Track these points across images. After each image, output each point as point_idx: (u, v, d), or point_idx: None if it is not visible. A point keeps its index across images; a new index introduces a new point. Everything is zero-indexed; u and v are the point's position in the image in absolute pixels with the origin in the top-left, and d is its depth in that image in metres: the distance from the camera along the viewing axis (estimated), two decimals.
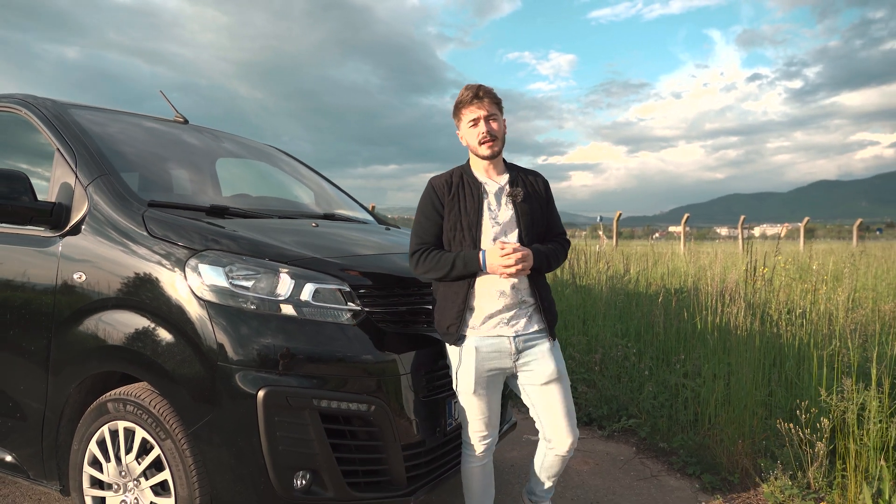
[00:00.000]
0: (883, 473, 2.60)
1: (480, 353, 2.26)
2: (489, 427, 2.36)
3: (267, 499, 2.02)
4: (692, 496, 3.08)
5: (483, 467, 2.41)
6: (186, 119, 3.52)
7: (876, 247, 14.67)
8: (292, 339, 2.08)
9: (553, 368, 2.30)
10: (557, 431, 2.33)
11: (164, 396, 2.11)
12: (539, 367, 2.30)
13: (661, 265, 7.97)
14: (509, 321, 2.27)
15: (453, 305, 2.27)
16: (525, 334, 2.29)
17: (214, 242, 2.20)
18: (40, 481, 2.48)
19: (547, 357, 2.30)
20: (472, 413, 2.33)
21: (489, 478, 2.46)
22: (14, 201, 2.35)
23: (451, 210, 2.31)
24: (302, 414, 2.02)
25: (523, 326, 2.29)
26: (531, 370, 2.30)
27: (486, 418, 2.34)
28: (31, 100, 2.79)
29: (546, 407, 2.33)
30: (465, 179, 2.35)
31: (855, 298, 5.17)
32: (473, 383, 2.28)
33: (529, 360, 2.30)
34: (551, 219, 2.44)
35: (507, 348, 2.27)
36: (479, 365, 2.27)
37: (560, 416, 2.32)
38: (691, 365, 4.08)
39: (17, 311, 2.44)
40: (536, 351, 2.30)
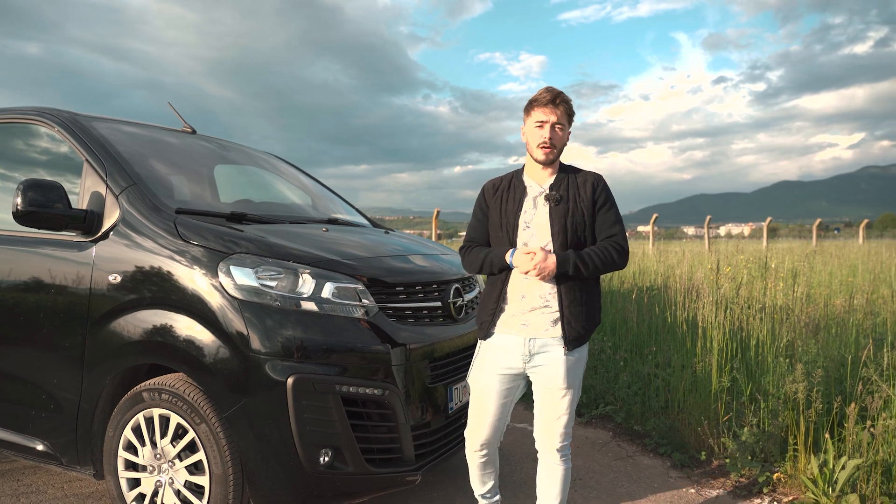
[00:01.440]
0: (828, 446, 2.97)
1: (495, 350, 2.32)
2: (489, 430, 2.36)
3: (295, 473, 2.28)
4: (664, 473, 3.42)
5: (483, 462, 2.44)
6: (194, 129, 3.73)
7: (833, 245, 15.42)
8: (315, 332, 2.35)
9: (560, 379, 2.26)
10: (546, 438, 2.36)
11: (199, 385, 2.35)
12: (547, 374, 2.28)
13: (632, 264, 8.37)
14: (528, 323, 2.27)
15: (489, 303, 2.34)
16: (541, 338, 2.27)
17: (243, 246, 2.44)
18: (74, 467, 2.69)
19: (557, 366, 2.26)
20: (476, 409, 2.38)
21: (490, 467, 2.47)
22: (49, 209, 2.55)
23: (494, 212, 2.36)
24: (326, 398, 2.29)
25: (541, 331, 2.27)
26: (538, 374, 2.30)
27: (487, 420, 2.35)
28: (56, 112, 2.99)
29: (541, 411, 2.35)
30: (513, 182, 2.37)
31: (810, 294, 5.60)
32: (479, 379, 2.35)
33: (539, 365, 2.28)
34: (600, 223, 2.32)
35: (519, 349, 2.28)
36: (492, 361, 2.32)
37: (550, 422, 2.33)
38: (662, 356, 4.44)
39: (52, 310, 2.64)
40: (548, 357, 2.27)
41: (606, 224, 2.32)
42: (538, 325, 2.27)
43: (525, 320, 2.28)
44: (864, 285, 6.13)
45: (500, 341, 2.32)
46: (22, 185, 2.52)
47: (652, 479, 3.33)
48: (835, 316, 4.70)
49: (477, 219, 2.44)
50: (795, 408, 3.26)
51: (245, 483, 2.32)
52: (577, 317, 2.25)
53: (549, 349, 2.27)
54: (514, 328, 2.29)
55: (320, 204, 3.87)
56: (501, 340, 2.31)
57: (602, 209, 2.32)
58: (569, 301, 2.25)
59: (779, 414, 3.39)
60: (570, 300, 2.25)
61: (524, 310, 2.28)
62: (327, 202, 3.95)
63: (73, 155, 2.88)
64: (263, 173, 3.88)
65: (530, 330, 2.27)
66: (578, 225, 2.27)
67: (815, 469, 2.95)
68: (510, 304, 2.31)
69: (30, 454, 2.79)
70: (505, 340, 2.31)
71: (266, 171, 3.91)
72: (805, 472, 3.01)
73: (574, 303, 2.25)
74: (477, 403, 2.37)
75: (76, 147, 2.82)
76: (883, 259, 8.37)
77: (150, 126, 3.47)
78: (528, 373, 2.32)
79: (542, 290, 2.26)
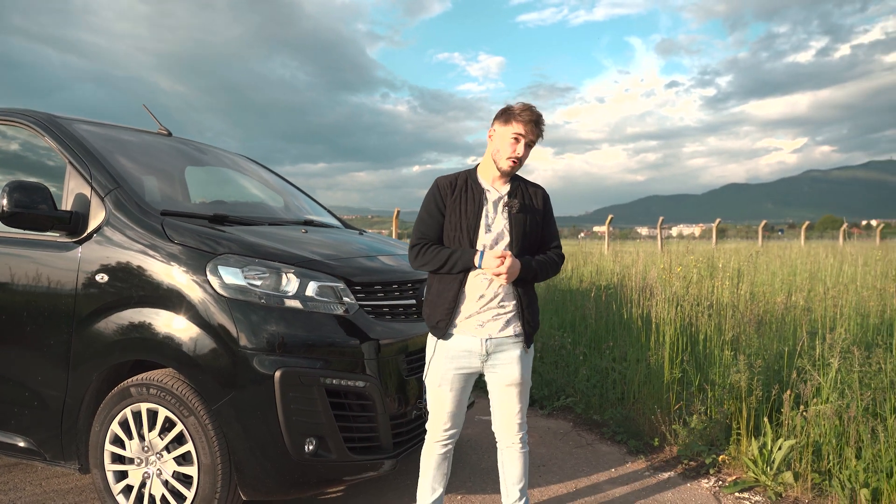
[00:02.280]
0: (766, 430, 3.27)
1: (453, 351, 2.39)
2: (451, 420, 2.45)
3: (282, 462, 2.42)
4: (620, 458, 3.68)
5: (442, 455, 2.51)
6: (170, 132, 3.80)
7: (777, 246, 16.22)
8: (300, 329, 2.49)
9: (517, 375, 2.39)
10: (504, 428, 2.50)
11: (188, 379, 2.46)
12: (504, 371, 2.39)
13: (589, 264, 8.70)
14: (484, 324, 2.36)
15: (444, 302, 2.38)
16: (497, 338, 2.37)
17: (229, 247, 2.57)
18: (58, 462, 2.76)
19: (514, 363, 2.39)
20: (436, 405, 2.45)
21: (445, 465, 2.54)
22: (34, 210, 2.61)
23: (452, 211, 2.39)
24: (311, 390, 2.43)
25: (497, 330, 2.36)
26: (496, 373, 2.40)
27: (450, 412, 2.44)
28: (34, 114, 3.04)
29: (500, 405, 2.47)
30: (469, 183, 2.43)
31: (754, 293, 5.99)
32: (440, 377, 2.41)
33: (497, 364, 2.39)
34: (546, 232, 2.49)
35: (477, 349, 2.37)
36: (450, 362, 2.39)
37: (511, 416, 2.47)
38: (619, 350, 4.72)
39: (37, 309, 2.70)
40: (506, 356, 2.39)
41: (551, 234, 2.51)
42: (494, 326, 2.37)
43: (481, 320, 2.36)
44: (801, 284, 6.57)
45: (459, 343, 2.39)
46: (7, 186, 2.58)
47: (609, 464, 3.58)
48: (775, 312, 5.07)
49: (431, 215, 2.42)
50: (738, 396, 3.55)
51: (233, 472, 2.44)
52: (532, 316, 2.43)
53: (505, 348, 2.39)
54: (470, 329, 2.37)
55: (295, 205, 3.99)
56: (460, 342, 2.38)
57: (546, 219, 2.50)
58: (526, 302, 2.41)
59: (724, 402, 3.68)
60: (527, 301, 2.41)
61: (480, 309, 2.36)
62: (301, 204, 4.08)
63: (54, 156, 2.94)
64: (239, 175, 3.98)
65: (486, 330, 2.36)
66: (532, 232, 2.42)
67: (755, 451, 3.24)
68: (467, 305, 2.38)
69: (11, 451, 2.84)
70: (463, 342, 2.38)
71: (241, 173, 4.01)
72: (747, 453, 3.30)
73: (530, 303, 2.43)
74: (437, 401, 2.45)
75: (58, 149, 2.88)
76: (820, 259, 8.92)
77: (127, 129, 3.53)
78: (485, 371, 2.42)
79: (500, 291, 2.36)
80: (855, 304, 5.21)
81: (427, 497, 2.53)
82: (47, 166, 3.03)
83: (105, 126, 3.37)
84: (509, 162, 2.36)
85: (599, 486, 3.26)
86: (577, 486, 3.26)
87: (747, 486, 3.19)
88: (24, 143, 3.11)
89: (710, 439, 3.54)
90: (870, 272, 7.66)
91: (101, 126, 3.32)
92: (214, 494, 2.44)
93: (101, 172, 2.78)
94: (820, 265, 7.96)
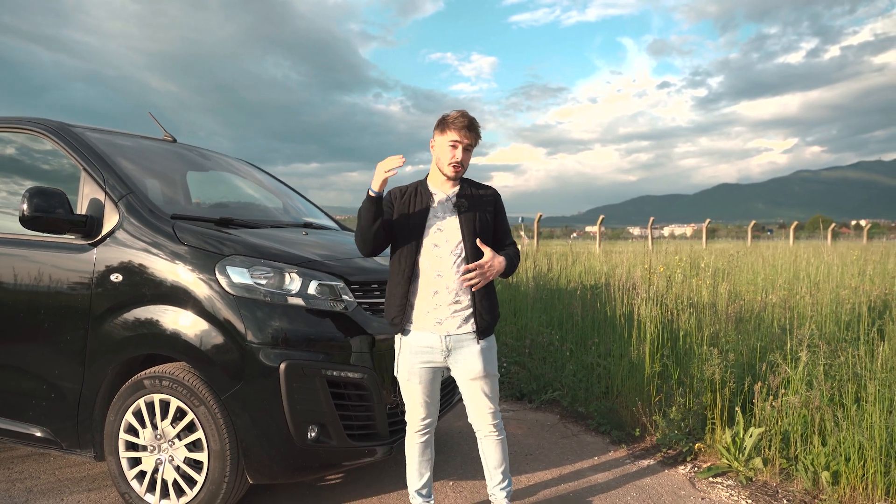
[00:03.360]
0: (739, 419, 3.49)
1: (414, 347, 2.54)
2: (425, 410, 2.62)
3: (286, 447, 2.61)
4: (604, 447, 3.89)
5: (423, 444, 2.69)
6: (175, 138, 3.98)
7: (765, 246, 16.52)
8: (303, 324, 2.68)
9: (479, 369, 2.52)
10: (478, 418, 2.65)
11: (198, 372, 2.65)
12: (467, 366, 2.53)
13: (578, 264, 8.93)
14: (441, 320, 2.50)
15: (395, 299, 2.54)
16: (455, 334, 2.50)
17: (236, 248, 2.75)
18: (74, 450, 2.93)
19: (475, 357, 2.52)
20: (408, 397, 2.63)
21: (428, 452, 2.72)
22: (52, 214, 2.79)
23: (401, 214, 2.56)
24: (313, 381, 2.62)
25: (455, 327, 2.50)
26: (459, 368, 2.55)
27: (422, 403, 2.61)
28: (48, 123, 3.21)
29: (470, 398, 2.62)
30: (418, 189, 2.61)
31: (736, 291, 6.22)
32: (408, 372, 2.57)
33: (459, 359, 2.53)
34: (499, 230, 2.65)
35: (438, 346, 2.51)
36: (413, 357, 2.55)
37: (482, 407, 2.61)
38: (604, 347, 4.93)
39: (55, 308, 2.88)
40: (466, 351, 2.52)
41: (506, 233, 2.68)
42: (452, 323, 2.50)
43: (438, 317, 2.50)
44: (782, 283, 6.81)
45: (419, 339, 2.53)
46: (27, 192, 2.76)
47: (594, 453, 3.79)
48: (755, 310, 5.30)
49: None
50: (713, 388, 3.77)
51: (241, 457, 2.63)
52: (487, 310, 2.55)
53: (465, 344, 2.52)
54: (429, 326, 2.50)
55: (294, 208, 4.18)
56: (420, 338, 2.53)
57: (498, 218, 2.65)
58: (480, 296, 2.53)
59: (700, 394, 3.90)
60: (481, 295, 2.53)
61: (435, 306, 2.49)
62: (300, 207, 4.26)
63: (66, 163, 3.12)
64: (241, 180, 4.16)
65: (444, 327, 2.50)
66: (483, 231, 2.56)
67: (728, 439, 3.46)
68: (420, 302, 2.52)
69: (28, 440, 3.01)
70: (424, 338, 2.52)
71: (243, 177, 4.19)
72: (721, 441, 3.52)
73: (484, 297, 2.55)
74: (409, 394, 2.62)
75: (73, 156, 3.06)
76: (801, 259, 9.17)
77: (134, 136, 3.71)
78: (449, 365, 2.57)
79: (454, 287, 2.49)
80: (829, 301, 5.45)
81: (416, 482, 2.74)
82: (60, 172, 3.20)
83: (113, 133, 3.54)
84: (452, 167, 2.53)
85: (582, 473, 3.47)
86: (562, 472, 3.47)
87: (720, 471, 3.41)
88: (37, 151, 3.28)
89: (688, 429, 3.75)
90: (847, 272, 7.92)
91: (110, 133, 3.50)
92: (223, 478, 2.62)
93: (114, 178, 2.97)
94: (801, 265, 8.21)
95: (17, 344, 2.98)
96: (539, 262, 8.21)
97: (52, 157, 3.23)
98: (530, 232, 17.24)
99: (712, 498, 3.15)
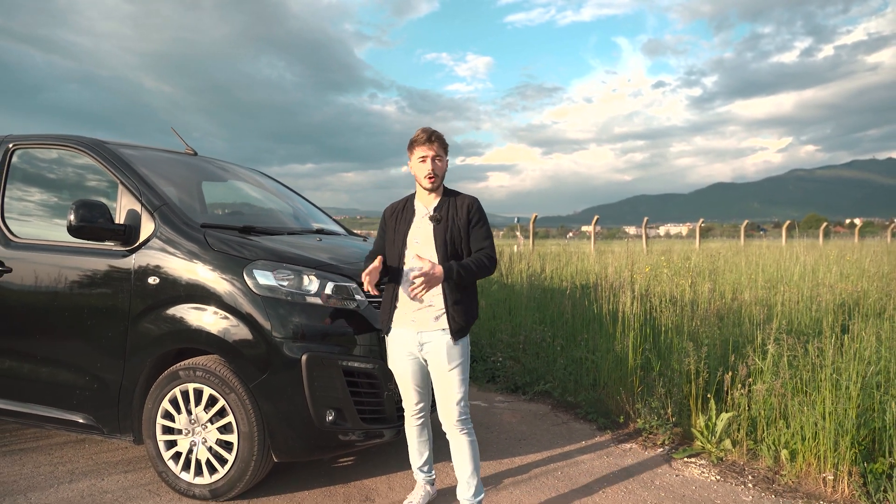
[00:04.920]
0: (711, 405, 3.86)
1: (396, 342, 2.85)
2: (417, 396, 2.90)
3: (307, 429, 2.96)
4: (591, 433, 4.25)
5: (419, 427, 2.98)
6: (196, 151, 4.33)
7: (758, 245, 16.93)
8: (320, 320, 3.04)
9: (445, 362, 2.74)
10: (444, 413, 2.81)
11: (229, 363, 3.00)
12: (436, 360, 2.76)
13: (571, 265, 9.30)
14: (416, 319, 2.77)
15: (386, 305, 2.87)
16: (427, 331, 2.76)
17: (261, 254, 3.11)
18: (115, 435, 3.28)
19: (443, 353, 2.74)
20: (401, 386, 2.93)
21: (425, 434, 3.01)
22: (95, 224, 3.14)
23: (389, 230, 2.90)
24: (331, 370, 2.98)
25: (427, 325, 2.75)
26: (430, 361, 2.80)
27: (413, 391, 2.89)
28: (84, 140, 3.56)
29: (437, 392, 2.82)
30: (406, 205, 2.91)
31: (718, 290, 6.60)
32: (396, 363, 2.88)
33: (430, 353, 2.77)
34: (474, 237, 2.82)
35: (413, 340, 2.79)
36: (396, 349, 2.86)
37: (447, 401, 2.78)
38: (592, 342, 5.29)
39: (97, 307, 3.23)
40: (434, 346, 2.75)
41: (479, 239, 2.82)
42: (424, 321, 2.76)
43: (413, 317, 2.78)
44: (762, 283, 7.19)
45: (397, 334, 2.84)
46: (73, 204, 3.11)
47: (581, 438, 4.16)
48: (731, 306, 5.67)
49: (379, 235, 3.00)
50: (690, 379, 4.14)
51: (267, 438, 2.98)
52: (459, 313, 2.75)
53: (434, 339, 2.75)
54: (405, 323, 2.80)
55: (306, 216, 4.53)
56: (398, 334, 2.83)
57: (476, 227, 2.82)
58: (452, 301, 2.74)
59: (678, 384, 4.27)
60: (453, 300, 2.74)
61: (413, 308, 2.78)
62: (311, 214, 4.62)
63: (104, 177, 3.46)
64: (257, 190, 4.52)
65: (418, 325, 2.77)
66: (456, 239, 2.77)
67: (702, 423, 3.83)
68: (401, 304, 2.81)
69: (71, 427, 3.36)
70: (401, 334, 2.82)
71: (259, 187, 4.55)
72: (695, 426, 3.89)
73: (456, 302, 2.75)
74: (401, 381, 2.92)
75: (110, 171, 3.40)
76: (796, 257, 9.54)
77: (161, 150, 4.06)
78: (423, 357, 2.81)
79: (429, 293, 2.73)
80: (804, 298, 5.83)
81: (417, 460, 3.07)
82: (96, 185, 3.54)
83: (142, 148, 3.89)
84: (428, 179, 2.79)
85: (570, 454, 3.83)
86: (552, 454, 3.83)
87: (695, 452, 3.77)
88: (75, 165, 3.63)
89: (667, 416, 4.12)
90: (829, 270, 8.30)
91: (140, 149, 3.85)
92: (251, 457, 2.97)
93: (149, 191, 3.32)
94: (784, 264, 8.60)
95: (63, 340, 3.33)
96: (533, 263, 8.58)
97: (88, 172, 3.58)
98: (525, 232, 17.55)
99: (685, 475, 3.52)
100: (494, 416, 4.60)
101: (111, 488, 3.24)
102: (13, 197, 3.65)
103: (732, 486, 3.36)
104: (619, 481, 3.43)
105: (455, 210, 2.83)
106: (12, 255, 3.46)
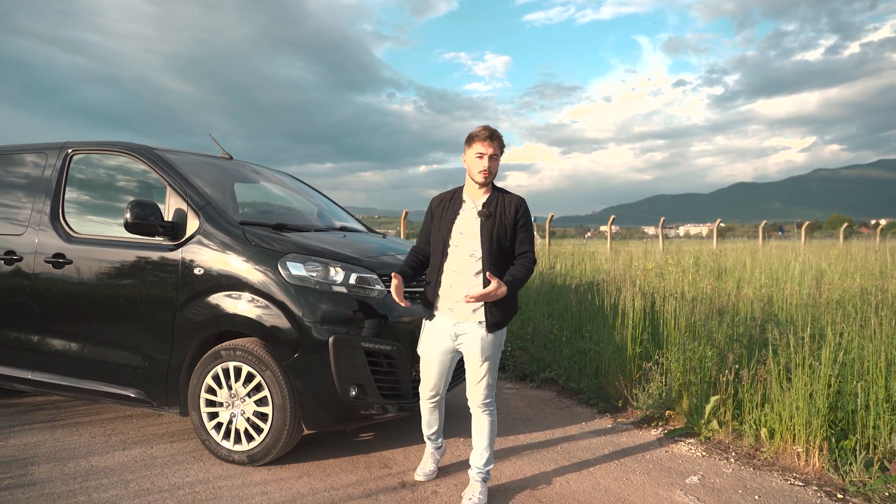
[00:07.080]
0: (702, 389, 4.18)
1: (432, 329, 3.02)
2: (434, 384, 3.09)
3: (334, 402, 3.36)
4: (591, 416, 4.61)
5: (432, 408, 3.20)
6: (231, 156, 4.76)
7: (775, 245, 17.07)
8: (346, 307, 3.43)
9: (478, 354, 2.89)
10: (472, 397, 3.02)
11: (265, 344, 3.41)
12: (469, 350, 2.93)
13: (583, 263, 9.62)
14: (454, 309, 2.93)
15: (431, 291, 3.03)
16: (463, 323, 2.91)
17: (292, 248, 3.51)
18: (163, 408, 3.71)
19: (477, 345, 2.89)
20: (424, 371, 3.11)
21: (436, 413, 3.23)
22: (147, 221, 3.58)
23: (436, 220, 3.02)
24: (355, 351, 3.37)
25: (465, 317, 2.90)
26: (464, 350, 2.96)
27: (433, 377, 3.07)
28: (133, 146, 4.01)
29: (469, 377, 3.01)
30: (454, 197, 3.00)
31: (720, 287, 6.89)
32: (424, 349, 3.07)
33: (464, 343, 2.93)
34: (520, 239, 2.92)
35: (450, 331, 2.95)
36: (430, 336, 3.03)
37: (476, 388, 2.97)
38: (596, 334, 5.63)
39: (149, 295, 3.66)
40: (469, 337, 2.91)
41: (523, 241, 2.94)
42: (462, 312, 2.90)
43: (451, 306, 2.93)
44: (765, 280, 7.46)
45: (437, 323, 2.99)
46: (129, 203, 3.55)
47: (582, 419, 4.51)
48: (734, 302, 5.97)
49: (426, 224, 3.11)
50: (685, 367, 4.47)
51: (298, 410, 3.38)
52: (499, 308, 2.89)
53: (471, 331, 2.90)
54: (444, 312, 2.96)
55: (331, 215, 4.94)
56: (437, 322, 2.99)
57: (521, 228, 2.93)
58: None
59: (673, 371, 4.60)
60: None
61: (454, 299, 2.92)
62: (336, 213, 5.04)
63: (153, 179, 3.90)
64: (286, 191, 4.95)
65: (456, 315, 2.92)
66: (501, 237, 2.88)
67: (692, 406, 4.15)
68: (443, 293, 2.96)
69: (123, 400, 3.80)
70: (439, 322, 2.98)
71: (288, 189, 4.98)
72: (687, 409, 4.22)
73: (497, 301, 2.86)
74: (425, 366, 3.10)
75: (159, 174, 3.84)
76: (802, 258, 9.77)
77: (202, 154, 4.50)
78: (456, 347, 2.98)
79: (468, 285, 2.88)
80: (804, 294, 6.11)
81: (427, 430, 3.34)
82: (147, 187, 3.99)
83: (184, 153, 4.33)
84: (482, 175, 2.89)
85: (571, 434, 4.19)
86: (554, 434, 4.19)
87: (684, 432, 4.11)
88: (126, 169, 4.07)
89: (662, 400, 4.45)
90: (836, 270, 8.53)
91: (183, 154, 4.29)
92: (284, 427, 3.38)
93: (195, 192, 3.75)
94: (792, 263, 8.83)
95: (117, 324, 3.77)
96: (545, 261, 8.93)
97: (139, 175, 4.02)
98: (542, 231, 17.85)
99: (674, 451, 3.86)
100: (503, 400, 4.97)
101: (160, 455, 3.67)
102: (72, 197, 4.11)
103: (716, 460, 3.70)
104: (613, 457, 3.78)
105: (504, 208, 2.91)
106: (73, 249, 3.91)
